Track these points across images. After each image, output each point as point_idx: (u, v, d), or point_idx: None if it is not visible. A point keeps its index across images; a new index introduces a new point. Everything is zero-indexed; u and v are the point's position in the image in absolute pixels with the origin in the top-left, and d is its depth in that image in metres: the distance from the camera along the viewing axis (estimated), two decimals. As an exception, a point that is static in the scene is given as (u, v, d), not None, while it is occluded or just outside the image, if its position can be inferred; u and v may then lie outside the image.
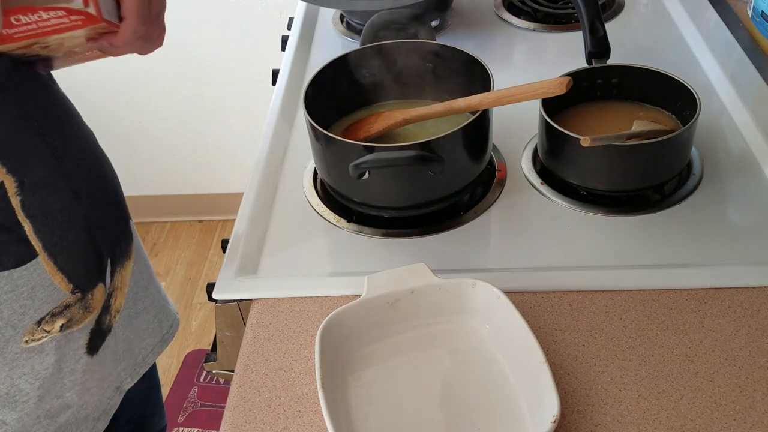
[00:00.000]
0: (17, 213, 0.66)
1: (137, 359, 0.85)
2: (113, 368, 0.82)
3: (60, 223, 0.70)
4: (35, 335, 0.71)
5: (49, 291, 0.70)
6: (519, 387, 0.63)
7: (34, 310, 0.70)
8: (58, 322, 0.72)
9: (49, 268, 0.69)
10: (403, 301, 0.68)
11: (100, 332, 0.78)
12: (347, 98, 0.90)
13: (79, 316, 0.74)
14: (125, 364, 0.84)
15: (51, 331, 0.72)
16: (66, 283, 0.71)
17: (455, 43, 0.88)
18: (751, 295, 0.70)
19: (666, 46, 1.09)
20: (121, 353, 0.82)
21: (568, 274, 0.74)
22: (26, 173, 0.66)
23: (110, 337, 0.79)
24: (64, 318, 0.72)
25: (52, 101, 0.72)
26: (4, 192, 0.65)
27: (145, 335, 0.86)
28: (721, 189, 0.82)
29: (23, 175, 0.66)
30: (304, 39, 1.19)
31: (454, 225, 0.81)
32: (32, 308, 0.69)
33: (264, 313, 0.73)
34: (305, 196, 0.87)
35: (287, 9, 1.88)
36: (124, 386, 0.84)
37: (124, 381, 0.84)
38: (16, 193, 0.66)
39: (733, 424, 0.60)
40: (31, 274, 0.68)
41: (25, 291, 0.68)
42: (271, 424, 0.63)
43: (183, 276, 2.17)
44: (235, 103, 2.09)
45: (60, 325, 0.72)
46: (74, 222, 0.71)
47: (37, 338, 0.71)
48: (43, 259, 0.69)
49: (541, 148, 0.86)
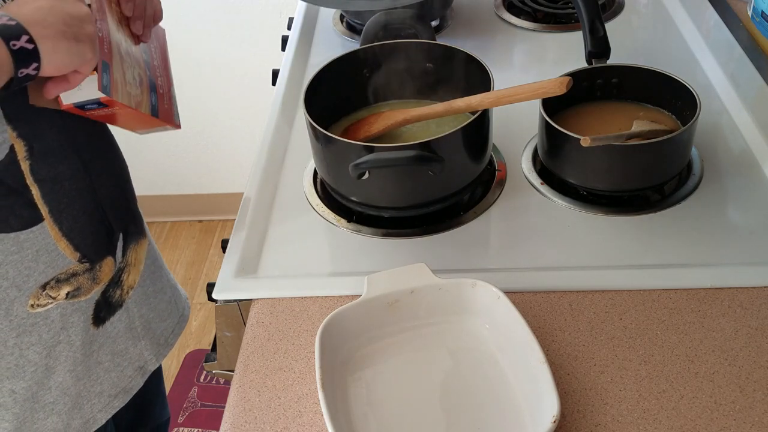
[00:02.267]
0: (26, 177, 0.68)
1: (160, 340, 0.87)
2: (131, 346, 0.83)
3: (67, 191, 0.72)
4: (40, 300, 0.72)
5: (54, 256, 0.72)
6: (519, 387, 0.63)
7: (39, 273, 0.71)
8: (64, 289, 0.73)
9: (54, 233, 0.71)
10: (403, 301, 0.68)
11: (108, 305, 0.79)
12: (347, 98, 0.90)
13: (87, 286, 0.75)
14: (146, 343, 0.85)
15: (57, 298, 0.73)
16: (72, 250, 0.73)
17: (455, 43, 0.88)
18: (751, 295, 0.70)
19: (666, 46, 1.09)
20: (139, 331, 0.84)
21: (568, 274, 0.74)
22: (36, 139, 0.68)
23: (122, 312, 0.81)
24: (71, 285, 0.74)
25: None
26: (14, 155, 0.67)
27: (165, 315, 0.88)
28: (721, 189, 0.82)
29: (33, 140, 0.68)
30: (304, 39, 1.19)
31: (454, 225, 0.81)
32: (37, 271, 0.71)
33: (264, 313, 0.73)
34: (305, 196, 0.87)
35: (287, 9, 1.88)
36: (148, 367, 0.86)
37: (149, 361, 0.86)
38: (25, 158, 0.68)
39: (733, 424, 0.60)
40: (37, 237, 0.70)
41: (30, 253, 0.70)
42: (271, 424, 0.63)
43: (183, 276, 2.17)
44: (235, 103, 2.09)
45: (66, 293, 0.73)
46: (82, 192, 0.73)
47: (42, 303, 0.72)
48: (48, 224, 0.70)
49: (541, 148, 0.86)
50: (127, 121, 0.74)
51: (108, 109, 0.68)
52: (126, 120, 0.74)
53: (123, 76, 0.70)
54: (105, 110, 0.68)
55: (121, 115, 0.71)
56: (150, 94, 0.75)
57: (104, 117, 0.70)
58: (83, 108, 0.66)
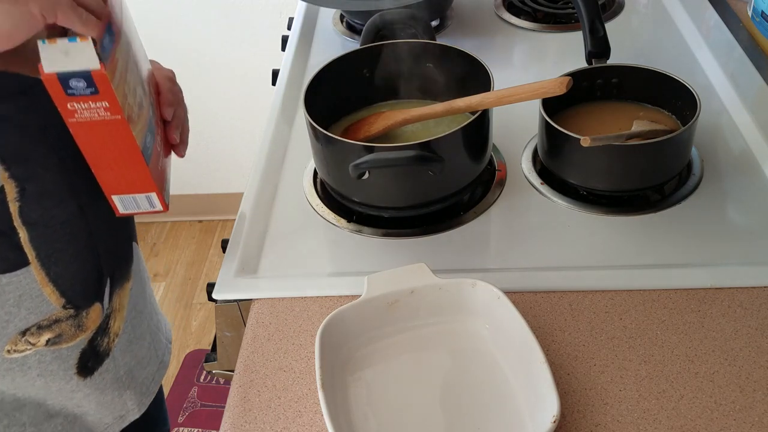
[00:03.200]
0: (13, 219, 0.65)
1: (142, 389, 0.82)
2: (116, 396, 0.79)
3: (59, 236, 0.68)
4: (18, 346, 0.69)
5: (38, 302, 0.69)
6: (519, 387, 0.63)
7: (20, 319, 0.68)
8: (45, 336, 0.70)
9: (40, 278, 0.68)
10: (403, 301, 0.68)
11: (95, 354, 0.75)
12: (347, 98, 0.90)
13: (69, 333, 0.72)
14: (131, 393, 0.81)
15: (36, 344, 0.70)
16: (57, 296, 0.70)
17: (455, 43, 0.88)
18: (751, 295, 0.70)
19: (666, 46, 1.09)
20: (123, 380, 0.79)
21: (568, 274, 0.74)
22: (29, 181, 0.65)
23: (109, 361, 0.77)
24: (52, 332, 0.70)
25: None
26: (3, 196, 0.64)
27: (145, 362, 0.83)
28: (721, 189, 0.82)
29: (26, 181, 0.65)
30: (304, 39, 1.19)
31: (454, 225, 0.81)
32: (18, 317, 0.68)
33: (264, 313, 0.73)
34: (305, 196, 0.87)
35: (287, 9, 1.88)
36: (129, 416, 0.81)
37: (130, 411, 0.81)
38: (15, 199, 0.65)
39: (733, 424, 0.60)
40: (20, 282, 0.67)
41: (11, 298, 0.67)
42: (271, 424, 0.63)
43: (183, 276, 2.17)
44: (235, 103, 2.09)
45: (46, 339, 0.70)
46: (76, 237, 0.70)
47: (20, 349, 0.69)
48: (34, 269, 0.67)
49: (541, 148, 0.86)
50: (106, 152, 0.62)
51: (94, 103, 0.57)
52: (105, 149, 0.61)
53: (125, 80, 0.60)
54: (90, 103, 0.57)
55: (104, 131, 0.59)
56: (146, 132, 0.65)
57: (82, 126, 0.59)
58: (66, 87, 0.56)
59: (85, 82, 0.55)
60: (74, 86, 0.55)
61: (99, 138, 0.60)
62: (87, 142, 0.61)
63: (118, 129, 0.59)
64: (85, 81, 0.55)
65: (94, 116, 0.58)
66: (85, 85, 0.55)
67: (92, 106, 0.57)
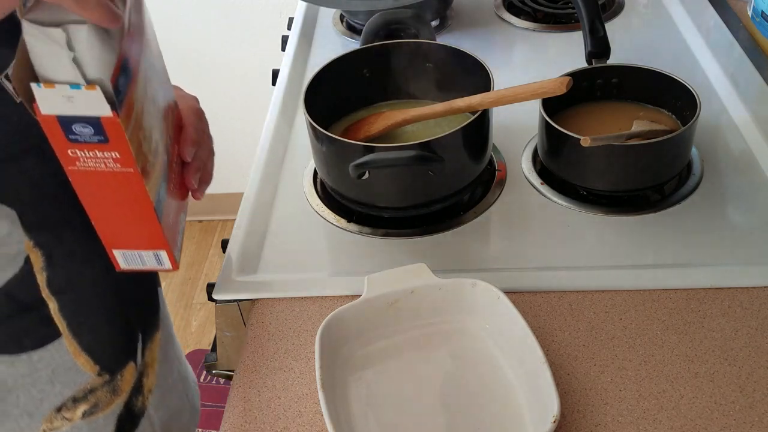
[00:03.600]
0: (42, 290, 0.60)
1: None
2: None
3: (88, 299, 0.64)
4: (54, 423, 0.64)
5: (72, 374, 0.63)
6: (519, 387, 0.63)
7: (54, 396, 0.63)
8: (81, 408, 0.65)
9: (73, 349, 0.63)
10: (403, 301, 0.68)
11: (130, 416, 0.70)
12: (347, 98, 0.90)
13: (105, 400, 0.67)
14: None
15: (72, 419, 0.65)
16: (92, 364, 0.65)
17: (455, 43, 0.88)
18: (751, 295, 0.70)
19: (666, 46, 1.09)
20: None
21: (568, 274, 0.74)
22: (55, 246, 0.60)
23: (144, 420, 0.72)
24: (88, 403, 0.65)
25: None
26: (29, 267, 0.59)
27: (179, 413, 0.78)
28: (721, 189, 0.82)
29: (52, 247, 0.60)
30: (304, 39, 1.19)
31: (454, 225, 0.81)
32: (52, 393, 0.62)
33: (264, 313, 0.73)
34: (305, 196, 0.87)
35: (287, 9, 1.88)
36: None
37: None
38: (42, 268, 0.60)
39: (733, 424, 0.60)
40: (53, 356, 0.62)
41: (44, 375, 0.62)
42: (271, 424, 0.63)
43: (183, 276, 2.17)
44: (235, 103, 2.09)
45: (82, 412, 0.65)
46: (104, 298, 0.65)
47: (56, 427, 0.64)
48: (66, 340, 0.62)
49: (541, 148, 0.86)
50: (111, 205, 0.52)
51: (101, 153, 0.47)
52: (110, 202, 0.51)
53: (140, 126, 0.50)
54: (96, 152, 0.47)
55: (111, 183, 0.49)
56: (160, 182, 0.54)
57: (84, 175, 0.48)
58: (67, 132, 0.46)
59: (93, 128, 0.46)
60: (78, 132, 0.46)
61: (104, 189, 0.51)
62: (88, 192, 0.51)
63: (129, 182, 0.50)
64: (92, 127, 0.45)
65: (101, 166, 0.48)
66: (92, 132, 0.46)
67: (99, 156, 0.48)
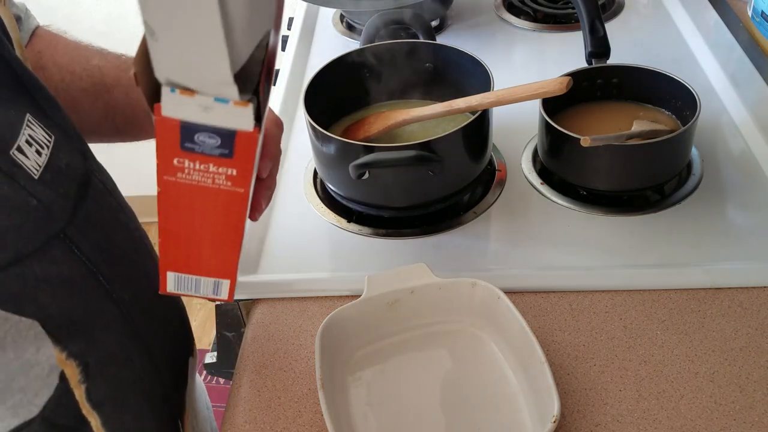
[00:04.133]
0: (82, 407, 0.53)
1: None
2: None
3: (132, 404, 0.57)
4: None
5: None
6: (519, 387, 0.63)
7: None
8: None
9: None
10: (403, 301, 0.68)
11: None
12: (347, 98, 0.90)
13: None
14: None
15: None
16: None
17: (455, 43, 0.88)
18: (751, 295, 0.70)
19: (666, 46, 1.09)
20: None
21: (568, 274, 0.74)
22: (91, 353, 0.53)
23: None
24: None
25: (120, 239, 0.58)
26: (66, 385, 0.52)
27: None
28: (721, 189, 0.82)
29: (87, 356, 0.53)
30: (304, 39, 1.19)
31: (454, 225, 0.81)
32: None
33: (264, 313, 0.73)
34: (305, 196, 0.87)
35: (287, 9, 1.88)
36: None
37: None
38: (80, 382, 0.53)
39: (733, 424, 0.60)
40: None
41: None
42: (271, 424, 0.63)
43: (183, 276, 2.17)
44: (235, 103, 2.09)
45: None
46: (149, 394, 0.59)
47: None
48: None
49: (541, 148, 0.86)
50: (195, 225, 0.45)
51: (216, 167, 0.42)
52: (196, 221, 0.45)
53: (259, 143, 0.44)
54: (209, 165, 0.41)
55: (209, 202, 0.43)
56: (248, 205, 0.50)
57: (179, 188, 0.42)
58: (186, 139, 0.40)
59: (220, 140, 0.40)
60: (199, 141, 0.40)
61: (195, 206, 0.44)
62: (174, 206, 0.44)
63: (231, 203, 0.44)
64: (220, 139, 0.40)
65: (206, 182, 0.42)
66: (217, 144, 0.41)
67: (210, 170, 0.42)
